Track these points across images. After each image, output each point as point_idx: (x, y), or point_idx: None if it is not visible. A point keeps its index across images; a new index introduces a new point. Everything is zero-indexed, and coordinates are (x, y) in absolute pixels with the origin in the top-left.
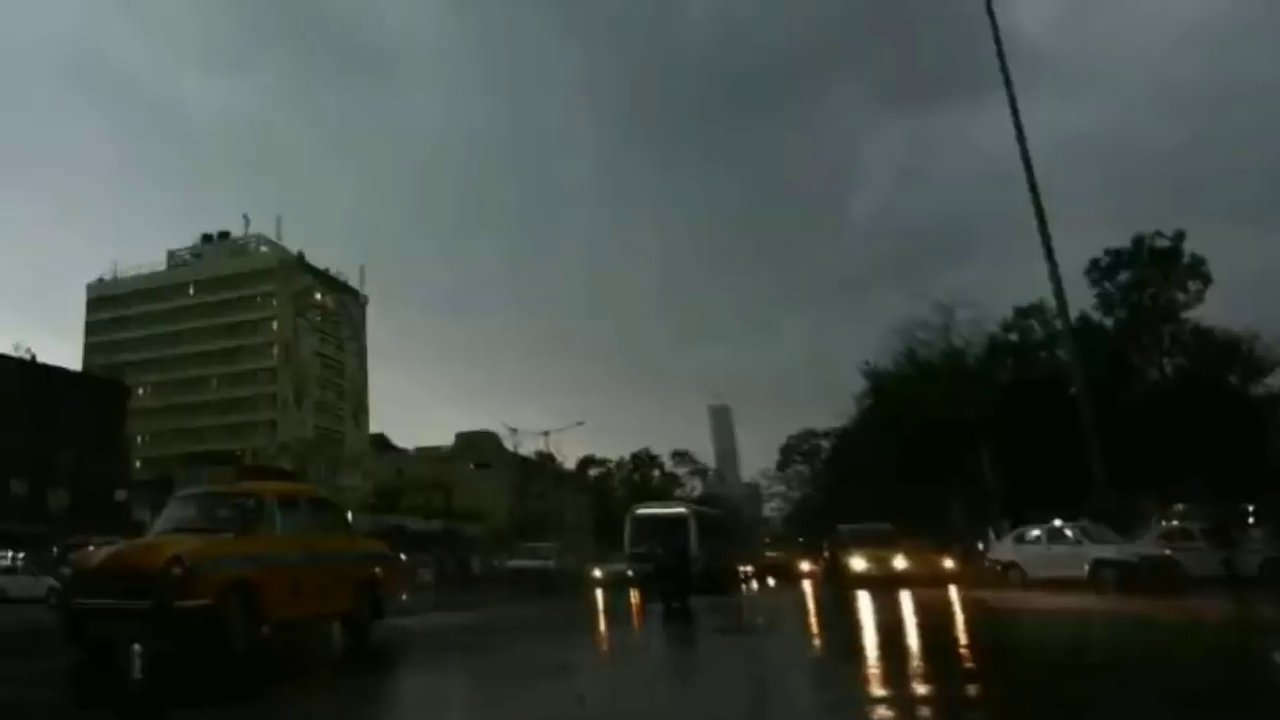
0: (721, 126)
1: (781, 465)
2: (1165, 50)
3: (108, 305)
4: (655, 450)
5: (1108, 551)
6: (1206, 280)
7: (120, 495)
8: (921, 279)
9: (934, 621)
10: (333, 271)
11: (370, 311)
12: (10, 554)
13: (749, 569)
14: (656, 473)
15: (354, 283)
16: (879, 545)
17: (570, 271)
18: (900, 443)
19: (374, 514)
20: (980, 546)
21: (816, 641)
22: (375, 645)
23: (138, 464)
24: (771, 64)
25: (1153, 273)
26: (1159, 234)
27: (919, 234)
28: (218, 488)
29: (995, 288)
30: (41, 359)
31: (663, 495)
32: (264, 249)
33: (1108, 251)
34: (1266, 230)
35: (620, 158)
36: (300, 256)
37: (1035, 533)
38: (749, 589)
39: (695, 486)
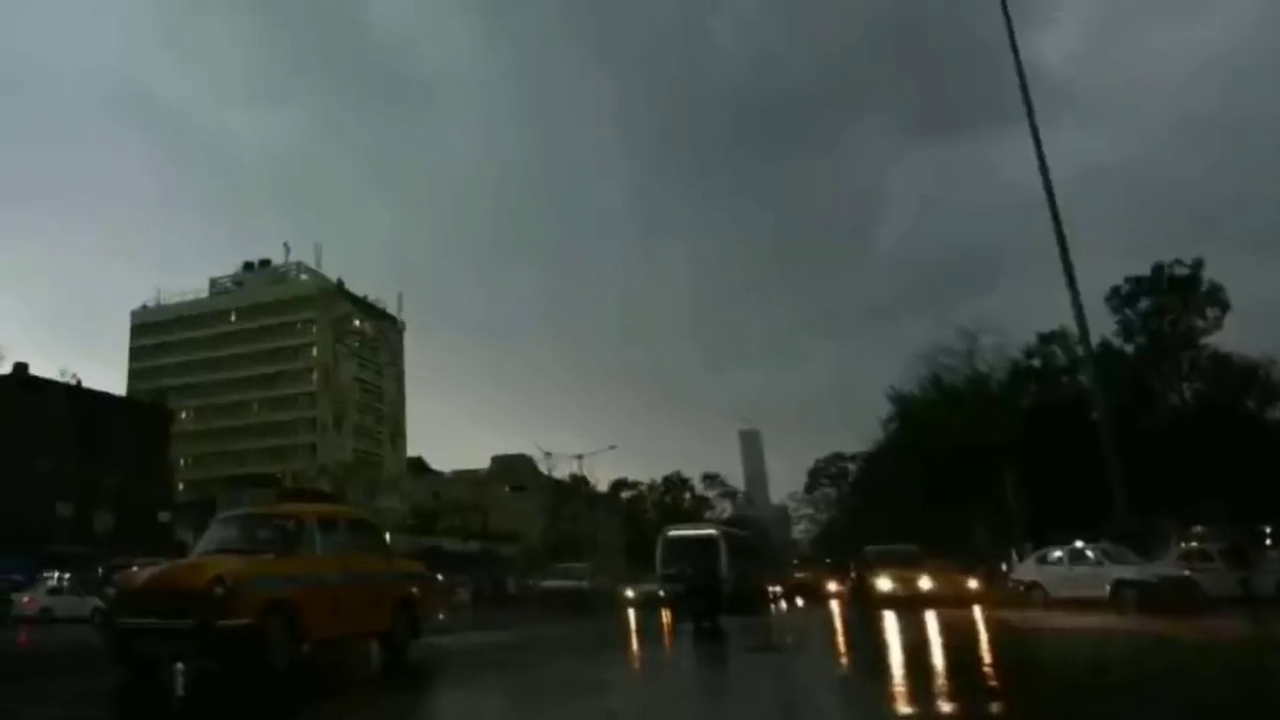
0: (751, 157)
1: (810, 488)
2: (1183, 82)
3: (152, 331)
4: (686, 473)
5: (1128, 572)
6: (1225, 307)
7: (164, 517)
8: (946, 306)
9: (958, 641)
10: (371, 298)
11: (408, 337)
12: (56, 574)
13: (778, 589)
14: (687, 495)
15: (392, 309)
16: (905, 566)
17: (603, 298)
18: (925, 466)
19: (412, 535)
20: (1004, 567)
21: (844, 660)
22: (413, 663)
23: (181, 487)
24: (800, 96)
25: (1172, 300)
26: (1178, 262)
27: (944, 262)
28: (259, 510)
29: (1018, 314)
30: (87, 384)
31: (693, 517)
32: (304, 277)
33: (1128, 279)
34: None
35: (652, 187)
36: (339, 284)
37: (1057, 554)
38: (778, 609)
39: (725, 509)
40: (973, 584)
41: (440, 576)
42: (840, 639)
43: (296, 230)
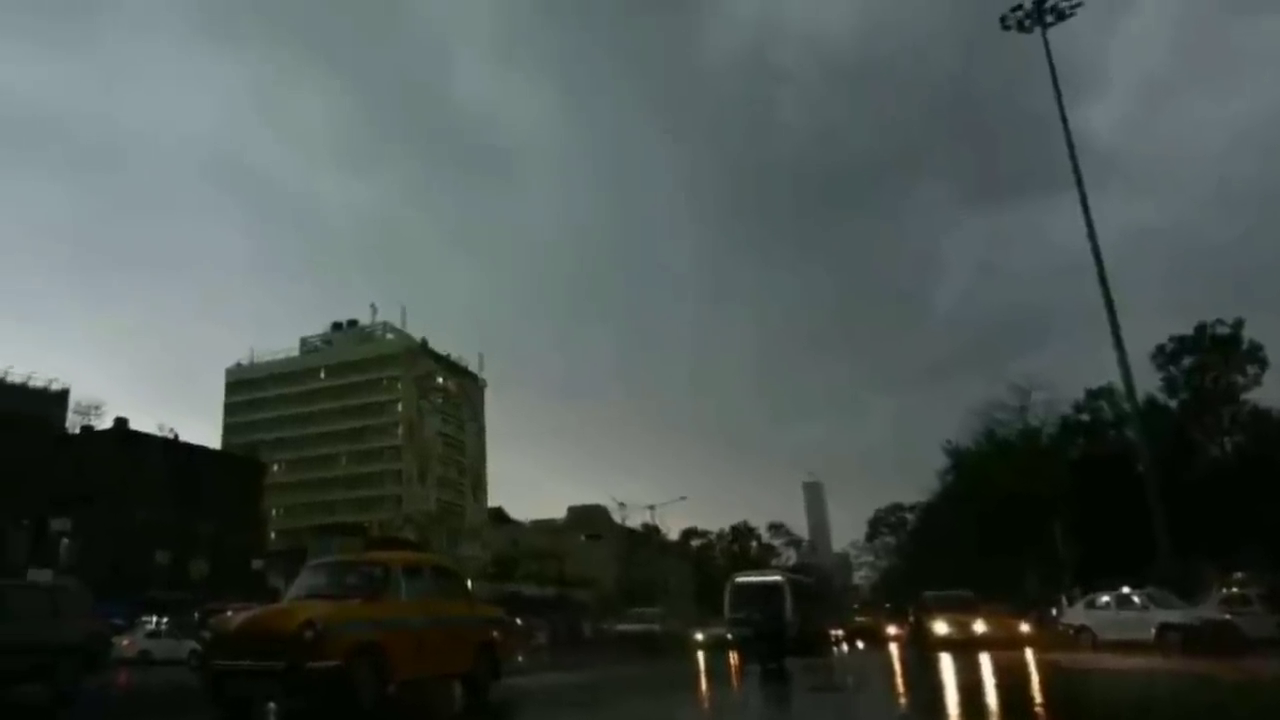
0: (814, 223)
1: (870, 536)
2: (1223, 150)
3: (245, 388)
4: (753, 523)
5: (1172, 616)
6: (1264, 365)
7: (256, 564)
8: (999, 364)
9: (1011, 681)
10: (454, 357)
11: (488, 394)
12: (155, 619)
13: (839, 632)
14: (754, 543)
15: (473, 368)
16: (960, 610)
17: (674, 357)
18: (979, 516)
19: (492, 581)
20: (1054, 612)
21: (902, 700)
22: (494, 703)
23: (273, 535)
24: (860, 165)
25: (1214, 358)
26: (1219, 322)
27: (997, 323)
28: (347, 557)
29: (1067, 372)
30: (184, 439)
31: (760, 564)
32: (390, 336)
33: (1172, 338)
34: None
35: (720, 252)
36: (424, 343)
37: (1105, 599)
38: (839, 651)
39: (790, 556)
40: (1024, 627)
41: (519, 620)
42: (899, 679)
43: (383, 292)
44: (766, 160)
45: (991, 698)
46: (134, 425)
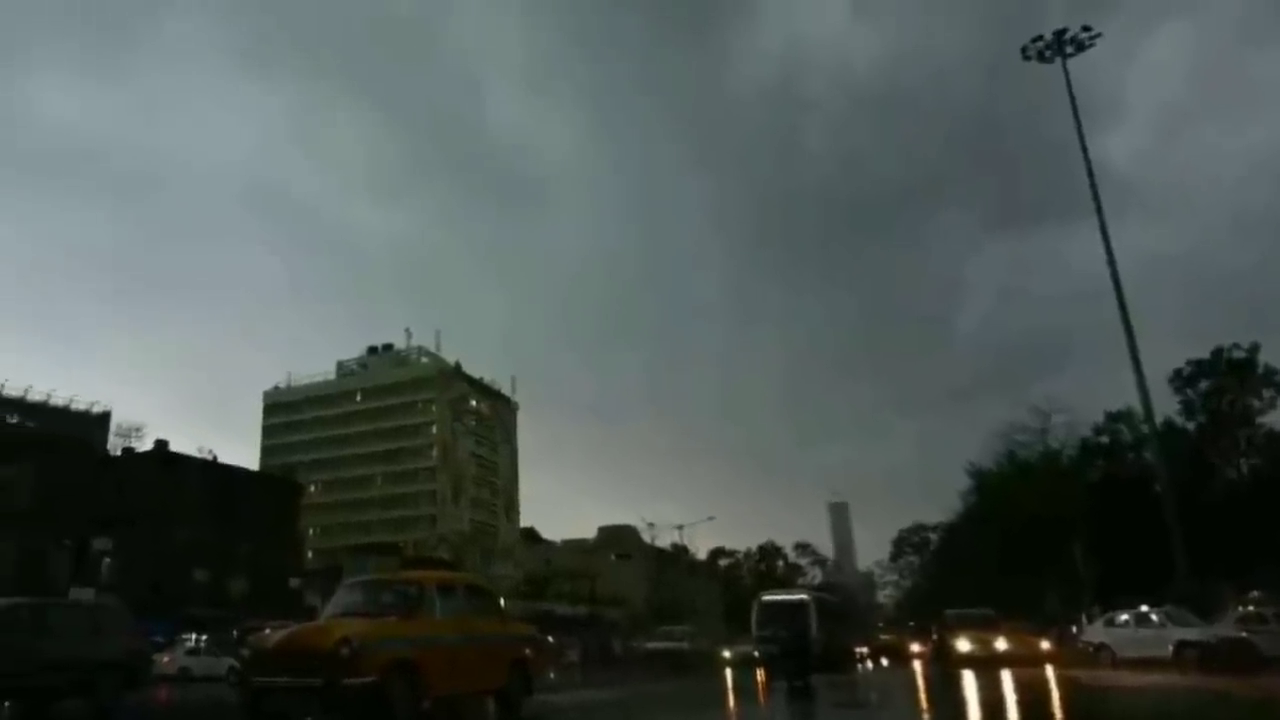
0: (839, 249)
1: (894, 556)
2: (1240, 179)
3: (282, 411)
4: (779, 542)
5: (1190, 634)
6: (1279, 388)
7: (294, 583)
8: (1020, 388)
9: (1032, 697)
10: (487, 380)
11: (520, 417)
12: (194, 636)
13: (864, 649)
14: (781, 563)
15: (506, 391)
16: (982, 628)
17: (702, 380)
18: (1001, 536)
19: (524, 600)
20: (1073, 630)
21: (925, 715)
22: (526, 719)
23: (309, 555)
24: (884, 192)
25: (1230, 381)
26: (1236, 346)
27: (1018, 346)
28: (383, 576)
29: (1087, 395)
30: (222, 460)
31: (786, 583)
32: (424, 360)
33: (1189, 362)
34: None
35: (747, 277)
36: (457, 367)
37: (1124, 617)
38: (864, 668)
39: (816, 575)
40: (1045, 645)
41: (551, 638)
42: (922, 696)
43: (417, 316)
44: (792, 188)
45: (1013, 714)
46: (174, 447)
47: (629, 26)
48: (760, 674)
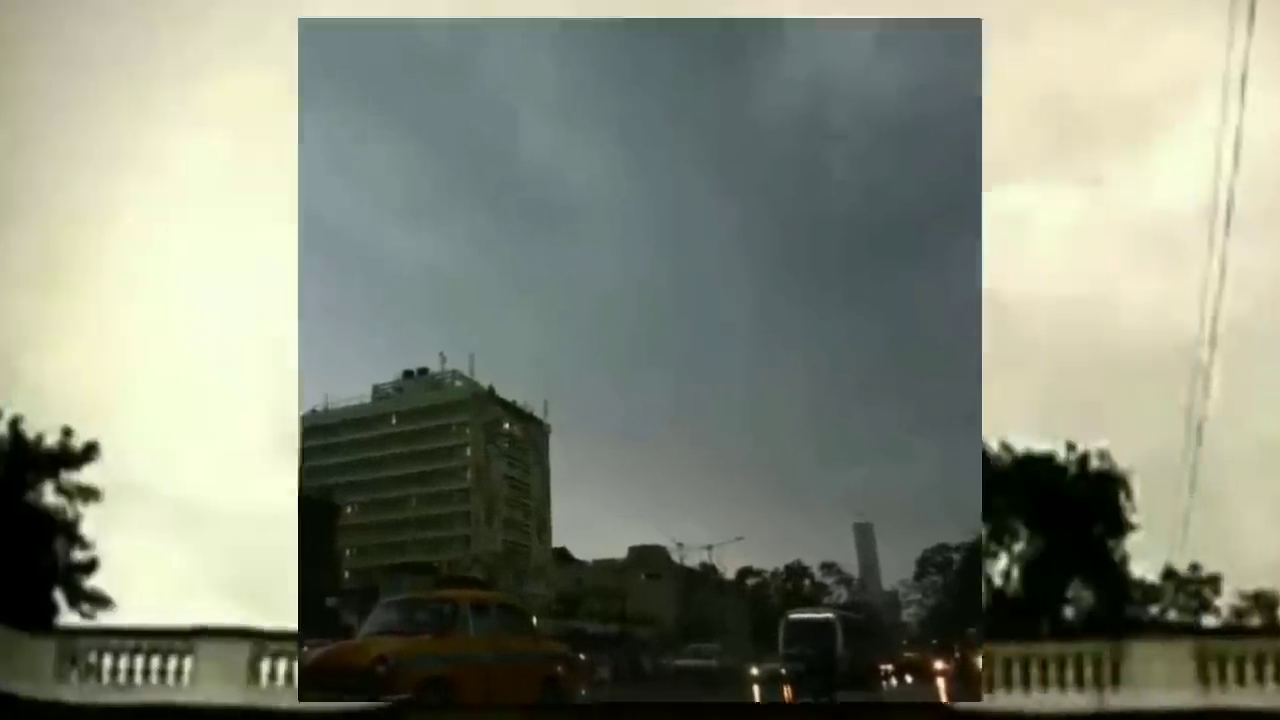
0: (863, 273)
1: (918, 576)
2: None
3: (319, 434)
4: (806, 562)
5: None
6: None
7: (331, 602)
8: None
9: None
10: (520, 404)
11: (553, 439)
12: None
13: (889, 667)
14: (807, 582)
15: (538, 413)
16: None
17: (729, 403)
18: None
19: (556, 619)
20: None
21: None
22: None
23: (346, 575)
24: (907, 218)
25: None
26: None
27: None
28: (418, 595)
29: None
30: None
31: (812, 602)
32: (459, 383)
33: None
34: None
35: (773, 302)
36: (491, 390)
37: None
38: (888, 685)
39: (841, 594)
40: None
41: (582, 656)
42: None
43: (451, 341)
44: (817, 213)
45: None
46: None
47: (658, 57)
48: (787, 691)
